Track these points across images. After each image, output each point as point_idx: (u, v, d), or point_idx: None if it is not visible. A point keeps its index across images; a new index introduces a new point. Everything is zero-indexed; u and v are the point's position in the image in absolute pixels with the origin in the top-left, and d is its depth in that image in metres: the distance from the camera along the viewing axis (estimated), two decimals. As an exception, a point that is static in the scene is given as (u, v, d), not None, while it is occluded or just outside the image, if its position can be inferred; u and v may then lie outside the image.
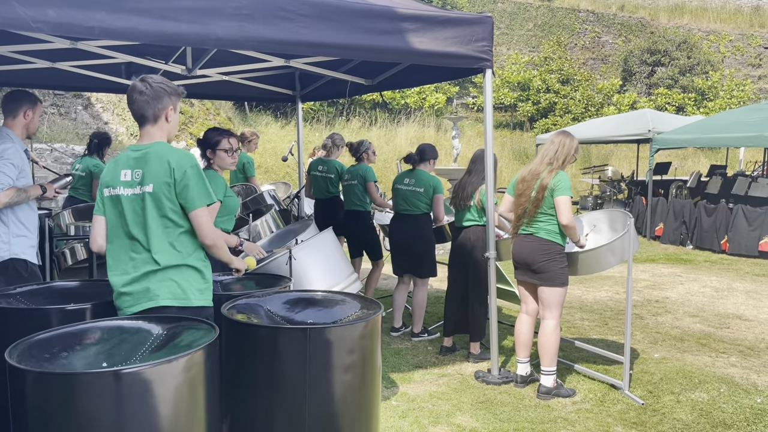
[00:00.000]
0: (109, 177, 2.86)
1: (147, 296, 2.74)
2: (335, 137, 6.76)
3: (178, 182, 2.72)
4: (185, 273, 2.76)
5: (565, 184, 4.23)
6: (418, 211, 5.58)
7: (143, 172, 2.76)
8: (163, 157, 2.74)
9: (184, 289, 2.74)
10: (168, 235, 2.74)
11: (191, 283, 2.77)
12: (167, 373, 2.11)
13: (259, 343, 2.57)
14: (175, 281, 2.73)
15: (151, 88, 2.80)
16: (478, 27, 4.47)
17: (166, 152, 2.79)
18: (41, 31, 3.19)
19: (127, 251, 2.78)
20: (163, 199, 2.72)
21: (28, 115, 3.82)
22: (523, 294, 4.64)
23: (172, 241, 2.74)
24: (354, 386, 2.61)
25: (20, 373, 2.04)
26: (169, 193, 2.72)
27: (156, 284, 2.72)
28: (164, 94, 2.83)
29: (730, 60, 27.38)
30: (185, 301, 2.75)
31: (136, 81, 2.83)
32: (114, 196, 2.82)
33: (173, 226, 2.75)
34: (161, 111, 2.84)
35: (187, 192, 2.72)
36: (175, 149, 2.87)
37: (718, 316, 6.74)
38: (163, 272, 2.72)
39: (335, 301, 3.03)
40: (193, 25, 3.53)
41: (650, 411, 4.27)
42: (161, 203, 2.72)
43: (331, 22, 3.93)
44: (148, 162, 2.77)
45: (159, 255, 2.72)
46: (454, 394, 4.53)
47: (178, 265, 2.74)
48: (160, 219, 2.73)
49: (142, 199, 2.74)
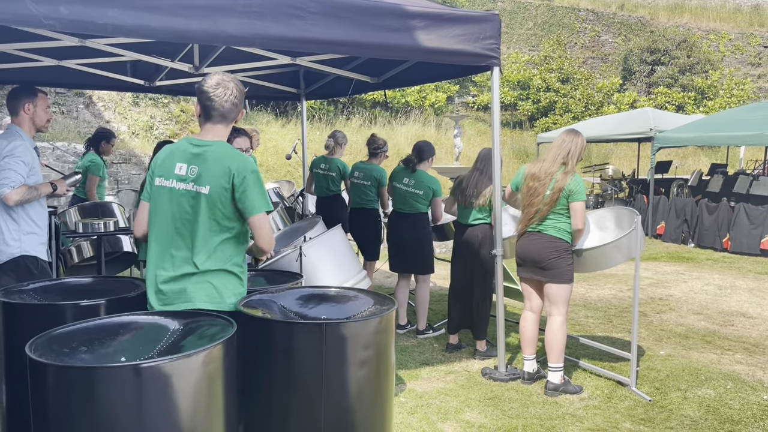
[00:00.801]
0: (162, 166, 2.81)
1: (183, 297, 2.73)
2: (337, 135, 6.77)
3: (237, 187, 2.69)
4: (223, 277, 2.76)
5: (581, 188, 4.27)
6: (416, 211, 5.61)
7: (199, 170, 2.73)
8: (225, 160, 2.71)
9: (220, 292, 2.74)
10: (213, 239, 2.73)
11: (228, 287, 2.77)
12: (186, 367, 2.12)
13: (274, 338, 2.58)
14: (212, 284, 2.73)
15: (241, 92, 2.83)
16: (485, 24, 4.49)
17: (227, 154, 2.76)
18: (53, 28, 3.20)
19: (167, 247, 2.76)
20: (218, 203, 2.70)
21: (29, 109, 3.80)
22: (527, 291, 4.65)
23: (216, 246, 2.73)
24: (369, 382, 2.62)
25: (41, 367, 2.05)
26: (225, 197, 2.70)
27: (193, 286, 2.72)
28: (243, 98, 2.87)
29: (729, 59, 27.41)
30: (221, 305, 2.75)
31: (220, 78, 2.80)
32: (163, 187, 2.79)
33: (220, 230, 2.73)
34: (238, 114, 2.87)
35: (246, 197, 2.70)
36: (236, 152, 2.83)
37: (722, 313, 6.76)
38: (202, 275, 2.72)
39: (348, 297, 3.04)
40: (203, 23, 3.54)
41: (658, 407, 4.28)
42: (215, 207, 2.71)
43: (340, 19, 3.94)
44: (207, 161, 2.73)
45: (199, 257, 2.71)
46: (462, 390, 4.54)
47: (217, 270, 2.74)
48: (209, 222, 2.72)
49: (194, 198, 2.72)
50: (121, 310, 2.85)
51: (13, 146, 3.64)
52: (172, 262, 2.74)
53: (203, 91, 2.80)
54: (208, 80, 2.82)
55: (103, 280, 3.41)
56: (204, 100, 2.81)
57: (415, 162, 5.63)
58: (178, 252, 2.74)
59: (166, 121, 14.79)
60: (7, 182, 3.56)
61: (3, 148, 3.65)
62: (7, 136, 3.73)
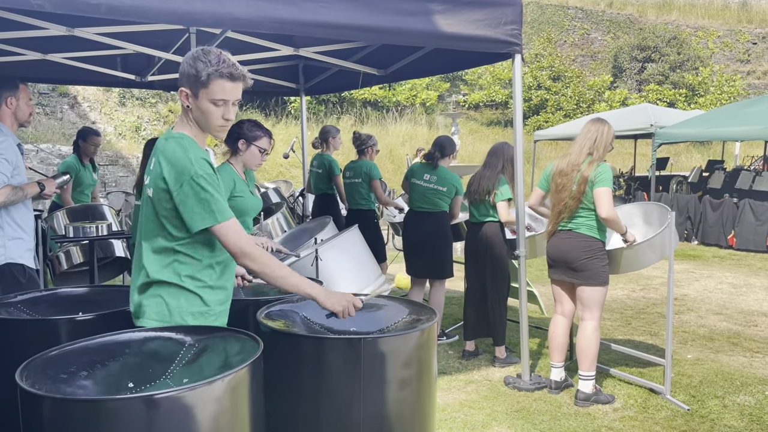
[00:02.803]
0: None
1: (138, 312, 2.32)
2: (323, 129, 6.40)
3: (175, 194, 2.17)
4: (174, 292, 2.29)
5: (606, 175, 3.94)
6: (438, 209, 5.27)
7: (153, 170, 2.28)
8: (167, 154, 2.19)
9: (171, 310, 2.25)
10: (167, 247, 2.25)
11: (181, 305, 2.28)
12: (209, 395, 1.78)
13: (302, 355, 2.24)
14: (163, 298, 2.25)
15: (195, 58, 2.23)
16: (507, 9, 4.19)
17: (172, 148, 2.21)
18: (42, 8, 2.86)
19: (137, 258, 2.35)
20: (159, 204, 2.21)
21: (11, 103, 3.42)
22: (558, 294, 4.35)
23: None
24: (410, 404, 2.29)
25: (36, 400, 1.70)
26: (162, 199, 2.19)
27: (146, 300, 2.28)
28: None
29: (718, 56, 27.36)
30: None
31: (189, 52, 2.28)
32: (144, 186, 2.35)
33: (169, 238, 2.24)
34: (196, 83, 2.22)
35: (184, 209, 2.18)
36: (174, 146, 2.23)
37: (743, 313, 6.50)
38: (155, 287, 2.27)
39: (377, 306, 2.72)
40: (208, 4, 3.23)
41: (698, 417, 3.99)
42: (158, 210, 2.22)
43: (353, 2, 3.64)
44: (158, 157, 2.24)
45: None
46: (486, 402, 4.23)
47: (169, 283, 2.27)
48: (159, 228, 2.25)
49: (148, 203, 2.29)
50: (121, 325, 2.51)
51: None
52: (136, 275, 2.32)
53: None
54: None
55: (99, 290, 3.05)
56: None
57: (438, 157, 5.30)
58: (138, 264, 2.31)
59: (154, 122, 14.37)
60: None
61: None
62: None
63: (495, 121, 23.98)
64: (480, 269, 4.92)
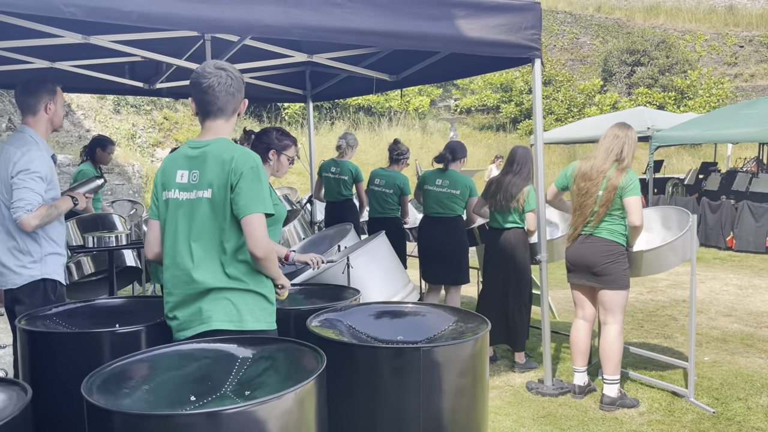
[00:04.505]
0: (164, 176, 2.49)
1: (198, 319, 2.37)
2: (348, 137, 6.41)
3: (234, 185, 2.35)
4: (242, 294, 2.41)
5: (635, 184, 3.95)
6: (453, 214, 5.25)
7: (200, 174, 2.39)
8: (223, 156, 2.37)
9: (240, 311, 2.37)
10: (224, 250, 2.38)
11: (249, 306, 2.40)
12: (278, 409, 1.76)
13: (359, 364, 2.22)
14: (231, 301, 2.37)
15: (237, 79, 2.45)
16: (527, 14, 4.19)
17: (227, 149, 2.41)
18: (74, 15, 2.81)
19: (176, 266, 2.41)
20: (223, 206, 2.36)
21: (50, 108, 3.29)
22: (579, 299, 4.34)
23: (230, 258, 2.39)
24: (466, 412, 2.27)
25: (105, 415, 1.67)
26: (228, 199, 2.35)
27: (209, 304, 2.35)
28: (243, 87, 2.48)
29: (706, 59, 27.65)
30: (240, 325, 2.37)
31: (211, 67, 2.43)
32: (168, 200, 2.45)
33: (230, 240, 2.39)
34: (239, 104, 2.49)
35: (239, 196, 2.34)
36: (237, 146, 2.48)
37: (752, 314, 6.54)
38: (218, 292, 2.37)
39: (420, 313, 2.70)
40: (238, 11, 3.20)
41: (724, 420, 4.00)
42: (221, 212, 2.36)
43: (377, 7, 3.63)
44: (206, 162, 2.39)
45: (209, 273, 2.38)
46: (512, 408, 4.21)
47: (234, 287, 2.40)
48: (217, 231, 2.37)
49: (198, 206, 2.38)
50: (163, 335, 2.48)
51: (27, 159, 3.12)
52: (184, 281, 2.38)
53: (195, 83, 2.44)
54: (200, 71, 2.46)
55: (134, 301, 3.02)
56: (197, 93, 2.45)
57: (449, 159, 5.28)
58: (188, 270, 2.37)
59: (149, 129, 14.27)
60: (22, 205, 3.05)
61: (16, 160, 3.12)
62: (19, 143, 3.20)
63: (487, 126, 24.07)
64: (501, 275, 4.89)
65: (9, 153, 3.16)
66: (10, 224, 3.14)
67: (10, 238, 3.15)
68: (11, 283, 3.15)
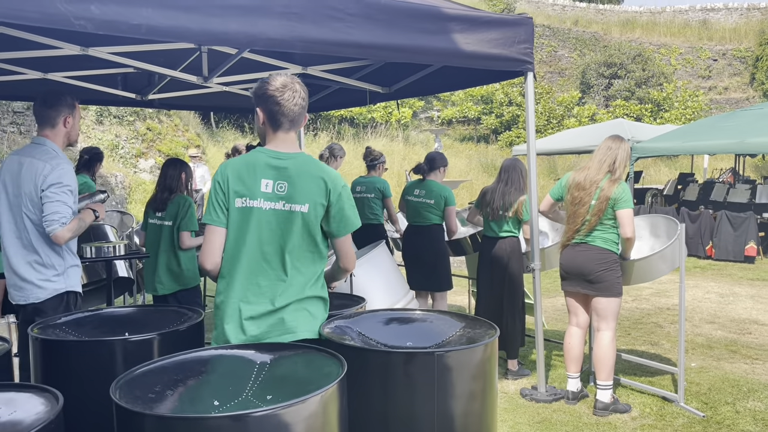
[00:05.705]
0: (242, 184, 2.44)
1: (281, 328, 2.42)
2: (334, 147, 6.47)
3: (334, 204, 2.45)
4: (317, 303, 2.53)
5: (627, 195, 4.07)
6: (429, 223, 5.38)
7: (289, 186, 2.43)
8: (316, 174, 2.45)
9: (316, 319, 2.49)
10: (309, 261, 2.49)
11: (321, 314, 2.53)
12: (303, 413, 1.80)
13: (373, 369, 2.27)
14: (309, 311, 2.46)
15: (306, 92, 2.55)
16: (520, 28, 4.31)
17: (317, 167, 2.49)
18: (84, 28, 2.84)
19: (254, 276, 2.42)
20: (314, 222, 2.44)
21: (69, 122, 3.28)
22: (573, 306, 4.44)
23: (312, 269, 2.50)
24: (478, 416, 2.33)
25: (136, 418, 1.71)
26: (321, 216, 2.45)
27: (292, 314, 2.41)
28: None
29: (681, 72, 28.22)
30: (315, 333, 2.51)
31: (286, 80, 2.49)
32: (248, 208, 2.43)
33: (314, 252, 2.50)
34: (303, 119, 2.58)
35: (343, 215, 2.48)
36: (323, 164, 2.57)
37: (735, 321, 6.69)
38: (299, 303, 2.45)
39: (426, 320, 2.76)
40: (242, 24, 3.25)
41: (714, 424, 4.10)
42: (312, 227, 2.44)
43: (378, 22, 3.71)
44: (297, 176, 2.44)
45: (296, 284, 2.46)
46: (507, 414, 4.28)
47: (313, 297, 2.51)
48: (307, 243, 2.46)
49: (287, 218, 2.42)
50: (174, 344, 2.52)
51: (60, 173, 3.10)
52: (262, 292, 2.41)
53: (269, 96, 2.48)
54: (272, 83, 2.51)
55: (140, 310, 3.04)
56: (271, 105, 2.49)
57: (425, 169, 5.39)
58: (269, 280, 2.42)
59: (132, 140, 14.20)
60: (57, 218, 3.02)
61: (46, 173, 3.09)
62: (45, 156, 3.16)
63: (468, 137, 24.29)
64: (496, 283, 4.98)
65: (36, 166, 3.12)
66: (33, 237, 3.11)
67: (31, 252, 3.11)
68: (34, 297, 3.11)
